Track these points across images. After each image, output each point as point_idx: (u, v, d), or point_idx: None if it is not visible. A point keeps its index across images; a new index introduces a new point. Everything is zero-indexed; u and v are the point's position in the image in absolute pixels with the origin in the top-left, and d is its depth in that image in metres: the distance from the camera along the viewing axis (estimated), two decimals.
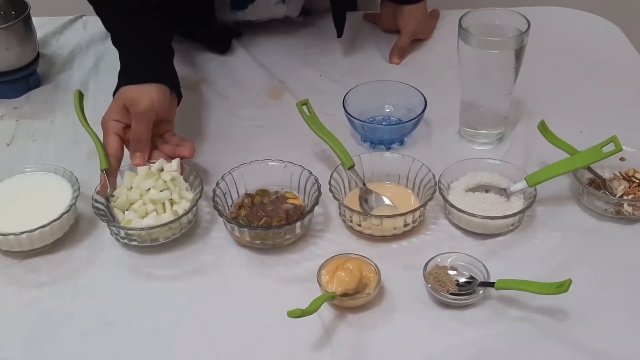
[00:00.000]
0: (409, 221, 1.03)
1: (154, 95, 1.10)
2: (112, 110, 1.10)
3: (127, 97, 1.10)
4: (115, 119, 1.09)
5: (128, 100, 1.09)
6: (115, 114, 1.09)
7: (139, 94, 1.09)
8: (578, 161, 1.05)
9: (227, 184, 1.07)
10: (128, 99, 1.09)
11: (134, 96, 1.09)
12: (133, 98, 1.09)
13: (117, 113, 1.09)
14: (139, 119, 1.09)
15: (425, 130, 1.23)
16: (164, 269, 1.01)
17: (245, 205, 1.06)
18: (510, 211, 1.03)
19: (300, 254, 1.02)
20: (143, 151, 1.08)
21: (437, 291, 0.94)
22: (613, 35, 1.46)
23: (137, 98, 1.09)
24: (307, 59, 1.41)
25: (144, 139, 1.08)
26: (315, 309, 0.89)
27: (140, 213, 1.02)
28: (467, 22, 1.10)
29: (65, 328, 0.94)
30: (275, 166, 1.09)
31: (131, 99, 1.09)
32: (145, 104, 1.08)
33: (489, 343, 0.90)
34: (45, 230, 1.01)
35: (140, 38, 1.17)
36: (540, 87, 1.30)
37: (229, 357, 0.90)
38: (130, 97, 1.09)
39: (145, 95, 1.09)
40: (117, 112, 1.09)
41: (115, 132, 1.09)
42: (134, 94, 1.09)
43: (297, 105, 1.14)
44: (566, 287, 0.87)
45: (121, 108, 1.09)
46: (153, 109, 1.09)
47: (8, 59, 1.30)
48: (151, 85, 1.11)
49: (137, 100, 1.09)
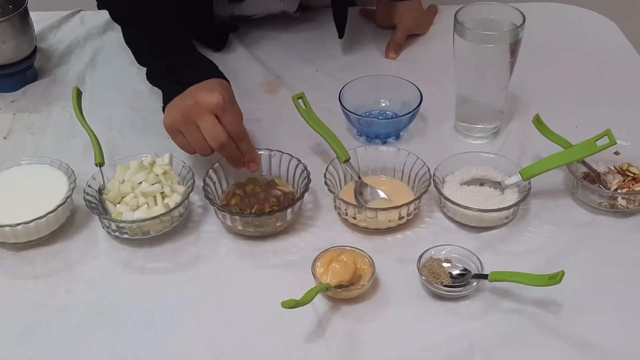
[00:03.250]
0: (403, 214, 1.03)
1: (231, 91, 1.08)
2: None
3: (231, 92, 1.07)
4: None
5: (231, 95, 1.06)
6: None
7: (226, 90, 1.06)
8: (572, 155, 1.05)
9: (217, 174, 1.08)
10: (231, 94, 1.06)
11: (227, 93, 1.05)
12: (229, 95, 1.05)
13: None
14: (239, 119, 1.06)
15: (421, 125, 1.23)
16: (158, 262, 1.02)
17: (237, 194, 1.07)
18: (504, 204, 1.04)
19: (295, 247, 1.03)
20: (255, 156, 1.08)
21: (431, 283, 0.94)
22: (609, 31, 1.46)
23: (234, 97, 1.06)
24: (304, 54, 1.41)
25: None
26: (309, 300, 0.89)
27: (132, 206, 1.03)
28: (462, 16, 1.10)
29: (60, 320, 0.95)
30: (263, 155, 1.10)
31: (233, 95, 1.06)
32: (237, 107, 1.07)
33: (483, 334, 0.90)
34: (41, 222, 1.01)
35: (182, 41, 1.17)
36: (536, 82, 1.30)
37: (223, 347, 0.90)
38: (231, 92, 1.07)
39: (231, 92, 1.07)
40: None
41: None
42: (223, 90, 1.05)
43: (293, 98, 1.14)
44: (559, 279, 0.87)
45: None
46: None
47: (5, 52, 1.30)
48: (222, 80, 1.09)
49: (235, 100, 1.06)
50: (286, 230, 1.05)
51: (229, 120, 1.03)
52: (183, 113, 1.03)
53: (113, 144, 1.19)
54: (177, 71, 1.12)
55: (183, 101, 1.04)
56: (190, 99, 1.03)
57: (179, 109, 1.04)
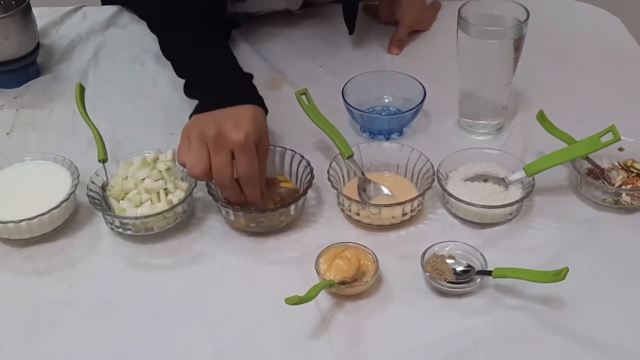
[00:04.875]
0: (407, 210, 1.03)
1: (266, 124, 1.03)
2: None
3: (263, 125, 1.01)
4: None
5: (263, 128, 1.01)
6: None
7: (266, 124, 1.02)
8: (576, 151, 1.05)
9: None
10: (263, 127, 1.01)
11: (265, 126, 1.01)
12: (265, 129, 1.01)
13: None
14: (266, 155, 1.02)
15: (424, 121, 1.23)
16: (161, 258, 1.02)
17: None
18: (508, 200, 1.03)
19: (298, 243, 1.03)
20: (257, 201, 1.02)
21: (435, 279, 0.94)
22: (613, 27, 1.46)
23: (266, 130, 1.01)
24: (307, 51, 1.41)
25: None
26: (313, 297, 0.89)
27: (135, 202, 1.03)
28: (466, 12, 1.10)
29: (64, 316, 0.94)
30: None
31: (265, 129, 1.01)
32: (269, 141, 1.02)
33: (486, 331, 0.90)
34: (45, 218, 1.01)
35: (221, 50, 1.14)
36: (540, 78, 1.30)
37: (226, 343, 0.90)
38: (264, 125, 1.01)
39: (267, 127, 1.02)
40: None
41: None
42: (261, 122, 1.01)
43: (296, 94, 1.14)
44: (563, 276, 0.87)
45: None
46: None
47: (8, 48, 1.30)
48: (257, 111, 1.02)
49: (266, 133, 1.01)
50: (289, 227, 1.05)
51: (241, 162, 0.98)
52: (201, 134, 0.97)
53: (116, 140, 1.19)
54: (216, 84, 1.08)
55: (209, 123, 0.98)
56: (214, 126, 0.97)
57: (201, 127, 0.98)
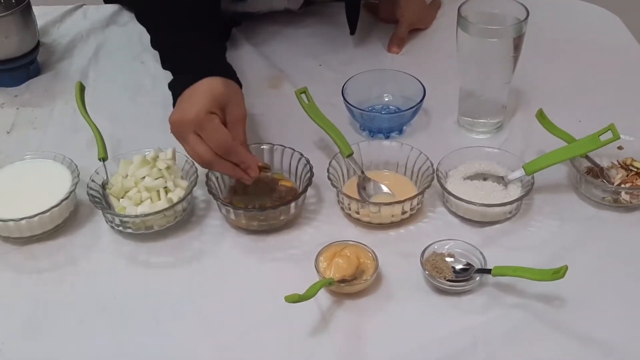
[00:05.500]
0: (406, 209, 1.03)
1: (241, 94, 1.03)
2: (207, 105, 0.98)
3: (224, 94, 1.00)
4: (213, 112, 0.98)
5: (225, 97, 1.00)
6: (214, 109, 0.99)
7: (233, 91, 1.01)
8: (576, 149, 1.05)
9: None
10: (225, 96, 1.00)
11: (231, 94, 1.00)
12: (230, 96, 1.00)
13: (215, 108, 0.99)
14: (241, 123, 1.01)
15: (424, 119, 1.23)
16: (162, 256, 1.02)
17: (239, 190, 1.06)
18: (507, 199, 1.04)
19: (298, 241, 1.03)
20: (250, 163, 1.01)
21: (434, 278, 0.94)
22: (612, 25, 1.46)
23: (235, 98, 1.00)
24: (307, 49, 1.41)
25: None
26: (313, 295, 0.89)
27: (135, 200, 1.03)
28: (466, 10, 1.10)
29: (64, 314, 0.95)
30: (266, 150, 1.11)
31: (228, 97, 1.00)
32: (244, 108, 1.02)
33: (486, 329, 0.90)
34: (45, 216, 1.01)
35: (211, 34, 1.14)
36: (539, 77, 1.30)
37: (226, 341, 0.91)
38: (226, 94, 1.00)
39: (240, 95, 1.02)
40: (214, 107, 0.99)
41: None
42: (228, 91, 1.00)
43: (296, 93, 1.14)
44: (562, 274, 0.87)
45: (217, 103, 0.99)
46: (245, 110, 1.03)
47: (8, 47, 1.30)
48: (212, 82, 1.01)
49: (237, 101, 1.00)
50: (289, 225, 1.05)
51: (208, 137, 0.96)
52: (172, 129, 0.99)
53: (116, 139, 1.19)
54: (177, 56, 1.09)
55: (173, 116, 0.99)
56: (176, 117, 0.98)
57: (172, 126, 0.99)
